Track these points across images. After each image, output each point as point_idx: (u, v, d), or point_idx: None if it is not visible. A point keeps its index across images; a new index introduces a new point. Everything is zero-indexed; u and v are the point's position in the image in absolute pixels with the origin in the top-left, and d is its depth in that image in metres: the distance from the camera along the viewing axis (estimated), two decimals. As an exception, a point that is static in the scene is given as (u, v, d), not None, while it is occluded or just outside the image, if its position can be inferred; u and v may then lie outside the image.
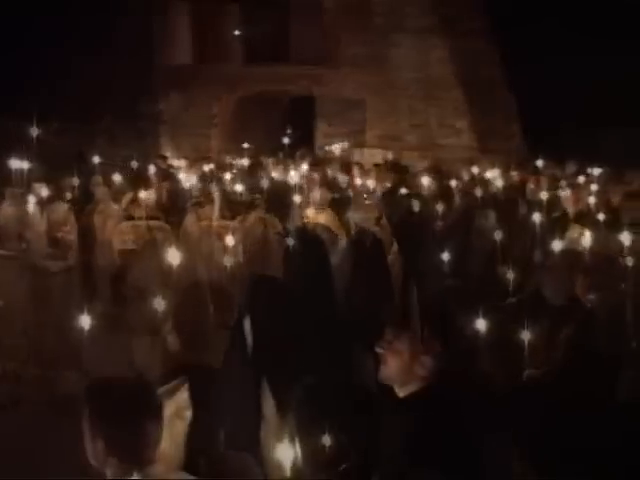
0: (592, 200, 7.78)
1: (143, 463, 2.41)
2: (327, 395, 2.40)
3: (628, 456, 3.11)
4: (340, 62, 15.97)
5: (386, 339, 2.79)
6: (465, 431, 2.78)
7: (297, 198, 7.32)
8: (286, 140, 13.76)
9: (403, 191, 8.24)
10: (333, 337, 4.75)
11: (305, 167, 10.70)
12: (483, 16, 15.87)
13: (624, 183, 8.03)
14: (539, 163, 11.10)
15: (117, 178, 9.30)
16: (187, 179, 10.65)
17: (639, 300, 4.10)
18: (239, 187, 9.28)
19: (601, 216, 6.16)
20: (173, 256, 4.61)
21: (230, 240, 6.18)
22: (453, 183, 9.61)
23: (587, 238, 5.26)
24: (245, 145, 14.79)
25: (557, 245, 5.11)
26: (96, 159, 10.02)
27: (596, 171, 10.34)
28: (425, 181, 8.75)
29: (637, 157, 11.60)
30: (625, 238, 4.52)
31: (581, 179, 9.36)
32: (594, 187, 7.69)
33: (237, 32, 18.13)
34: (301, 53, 16.18)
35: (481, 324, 4.41)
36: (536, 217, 6.20)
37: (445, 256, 6.20)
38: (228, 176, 11.03)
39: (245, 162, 12.81)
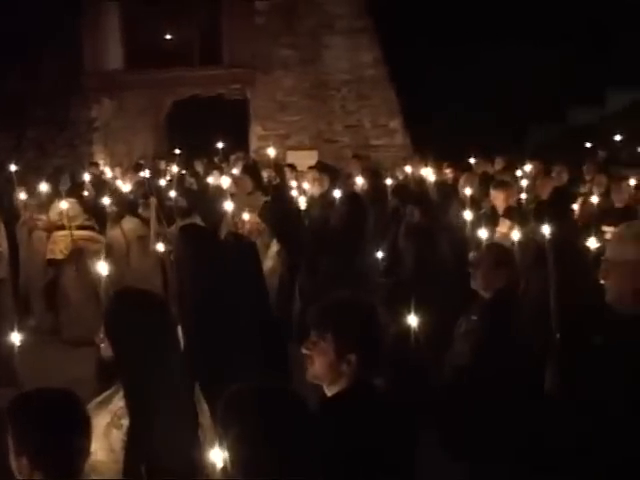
0: (523, 195, 7.99)
1: (70, 475, 2.38)
2: (256, 398, 2.40)
3: (561, 444, 3.18)
4: (273, 64, 15.97)
5: (311, 340, 2.80)
6: (394, 427, 2.80)
7: (229, 203, 7.28)
8: (220, 144, 13.69)
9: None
10: (268, 340, 4.76)
11: (239, 171, 10.66)
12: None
13: (551, 177, 8.24)
14: (471, 160, 11.30)
15: (44, 188, 9.06)
16: (122, 186, 10.51)
17: (563, 293, 4.21)
18: (173, 193, 9.19)
19: (530, 211, 6.31)
20: (102, 266, 4.54)
21: (161, 247, 6.12)
22: (388, 182, 9.71)
23: (515, 233, 5.38)
24: (177, 151, 14.67)
25: (485, 240, 5.21)
26: (13, 168, 9.67)
27: (527, 167, 10.60)
28: (359, 182, 8.82)
29: (562, 152, 11.98)
30: (546, 230, 4.64)
31: (511, 175, 9.56)
32: (524, 182, 7.86)
33: (168, 36, 17.94)
34: (234, 56, 16.10)
35: (413, 320, 4.48)
36: (466, 214, 6.31)
37: (378, 255, 6.28)
38: (163, 182, 10.92)
39: (178, 168, 12.69)
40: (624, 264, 2.93)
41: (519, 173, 10.05)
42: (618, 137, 13.22)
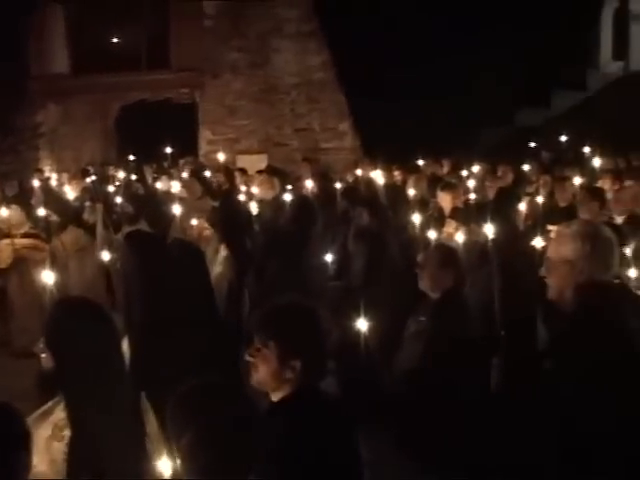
0: (472, 196, 8.08)
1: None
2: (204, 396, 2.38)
3: (506, 441, 3.21)
4: (222, 68, 15.90)
5: (254, 347, 2.77)
6: (338, 432, 2.79)
7: (177, 208, 7.21)
8: (169, 149, 13.58)
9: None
10: (217, 346, 4.72)
11: (187, 175, 10.58)
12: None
13: (498, 178, 8.36)
14: (420, 162, 11.41)
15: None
16: (68, 193, 10.34)
17: (506, 292, 4.26)
18: (120, 199, 9.09)
19: (478, 211, 6.38)
20: (47, 275, 4.43)
21: (106, 255, 6.03)
22: (338, 185, 9.75)
23: (461, 233, 5.44)
24: (131, 157, 14.51)
25: (432, 241, 5.25)
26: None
27: (474, 168, 10.74)
28: (309, 185, 8.83)
29: (510, 153, 12.19)
30: (489, 230, 4.69)
31: (459, 176, 9.67)
32: (471, 183, 7.96)
33: (115, 39, 17.73)
34: (182, 60, 15.99)
35: (362, 323, 4.49)
36: (414, 215, 6.35)
37: (328, 258, 6.28)
38: (111, 188, 10.78)
39: (126, 173, 12.54)
40: (564, 262, 2.99)
41: (467, 174, 10.17)
42: (563, 138, 13.50)
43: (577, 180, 7.98)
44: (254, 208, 8.25)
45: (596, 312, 2.93)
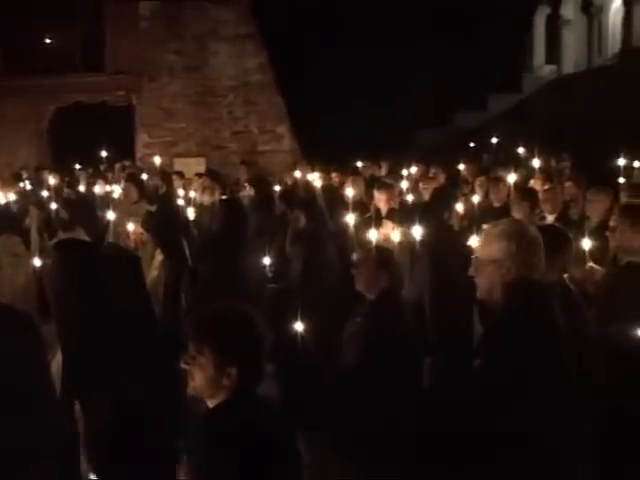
0: (410, 197, 8.16)
1: None
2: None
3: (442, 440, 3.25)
4: (158, 71, 15.72)
5: (189, 354, 2.74)
6: (277, 437, 2.79)
7: (112, 213, 7.09)
8: (105, 153, 13.35)
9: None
10: (154, 351, 4.66)
11: (124, 180, 10.41)
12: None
13: (432, 179, 8.47)
14: (359, 164, 11.48)
15: None
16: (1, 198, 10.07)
17: (437, 292, 4.32)
18: (54, 205, 8.90)
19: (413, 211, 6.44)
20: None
21: (37, 261, 5.90)
22: (277, 188, 9.74)
23: (396, 234, 5.48)
24: (77, 166, 14.19)
25: (369, 242, 5.28)
26: None
27: (412, 169, 10.86)
28: (247, 189, 8.79)
29: (446, 154, 12.38)
30: (417, 231, 4.74)
31: (397, 177, 9.75)
32: (404, 184, 8.03)
33: (49, 41, 17.36)
34: (117, 62, 15.75)
35: (299, 325, 4.50)
36: (351, 217, 6.38)
37: (266, 260, 6.28)
38: (45, 193, 10.54)
39: (60, 178, 12.27)
40: (491, 262, 3.04)
41: (405, 175, 10.27)
42: (497, 139, 13.77)
43: (511, 180, 8.13)
44: (192, 212, 8.18)
45: (523, 310, 2.99)
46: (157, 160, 12.28)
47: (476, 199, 8.07)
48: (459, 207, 7.80)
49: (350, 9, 20.56)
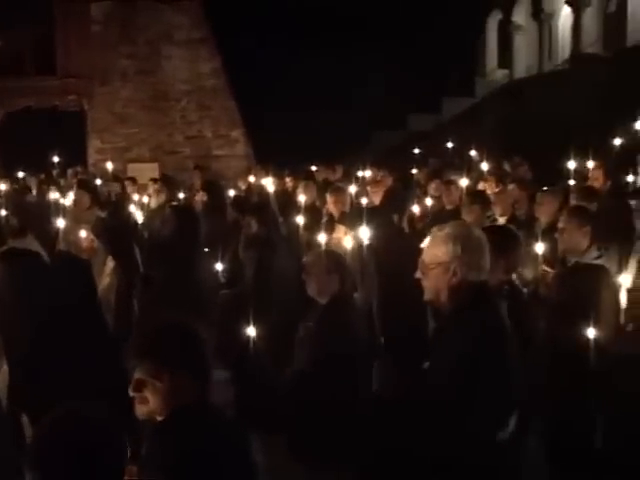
0: (364, 201, 8.19)
1: None
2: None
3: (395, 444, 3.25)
4: (111, 75, 15.54)
5: (137, 380, 2.68)
6: (230, 444, 2.77)
7: (62, 220, 6.98)
8: (56, 158, 13.14)
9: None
10: (105, 360, 4.60)
11: (76, 186, 10.25)
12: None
13: (381, 183, 8.51)
14: (313, 168, 11.49)
15: None
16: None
17: (387, 295, 4.33)
18: (4, 212, 8.72)
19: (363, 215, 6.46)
20: None
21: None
22: (231, 193, 9.70)
23: (348, 238, 5.49)
24: (20, 174, 13.92)
25: (321, 246, 5.28)
26: None
27: (367, 173, 10.90)
28: (199, 196, 8.75)
29: (400, 157, 12.47)
30: (364, 235, 4.75)
31: (351, 181, 9.79)
32: (355, 188, 8.05)
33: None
34: (68, 66, 15.52)
35: (252, 330, 4.49)
36: (304, 221, 6.39)
37: (218, 266, 6.25)
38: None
39: (10, 184, 12.05)
40: (437, 264, 3.06)
41: (359, 179, 10.30)
42: (450, 143, 13.93)
43: (463, 183, 8.22)
44: (144, 218, 8.10)
45: (470, 312, 3.02)
46: (110, 166, 12.13)
47: (429, 202, 8.15)
48: (415, 209, 7.87)
49: (305, 12, 20.60)
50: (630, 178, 9.07)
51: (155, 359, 2.65)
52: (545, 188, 6.87)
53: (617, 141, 10.15)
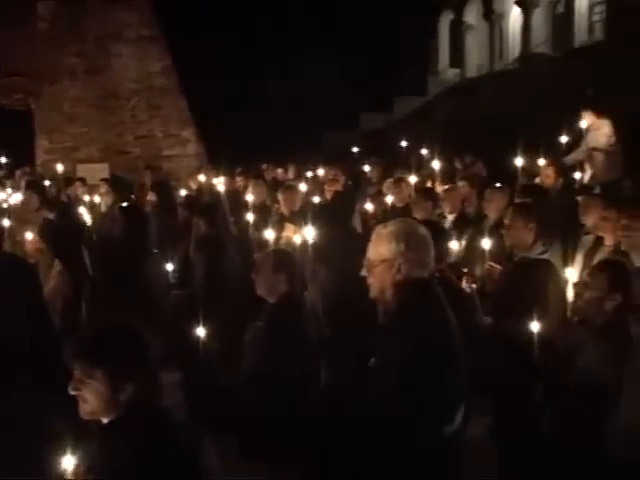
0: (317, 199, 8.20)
1: None
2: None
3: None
4: (59, 73, 15.25)
5: (78, 379, 2.65)
6: (179, 445, 2.74)
7: (7, 221, 6.84)
8: (4, 159, 12.88)
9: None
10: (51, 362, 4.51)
11: (24, 187, 10.06)
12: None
13: (336, 181, 8.54)
14: (264, 167, 11.46)
15: None
16: None
17: (336, 293, 4.33)
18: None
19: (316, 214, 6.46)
20: None
21: None
22: (183, 193, 9.61)
23: (298, 237, 5.48)
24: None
25: (270, 245, 5.28)
26: None
27: (319, 171, 10.92)
28: (150, 196, 8.65)
29: (347, 155, 12.55)
30: (312, 233, 4.75)
31: (303, 180, 9.80)
32: (305, 187, 8.06)
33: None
34: (14, 64, 15.16)
35: (201, 331, 4.45)
36: (253, 220, 6.36)
37: (169, 267, 6.19)
38: None
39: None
40: (382, 262, 3.07)
41: (312, 177, 10.32)
42: (404, 142, 14.02)
43: (412, 180, 8.29)
44: (93, 219, 7.98)
45: (415, 308, 3.03)
46: (59, 167, 11.92)
47: (381, 200, 8.20)
48: (369, 207, 7.91)
49: (257, 10, 20.55)
50: (577, 175, 9.26)
51: (88, 358, 2.65)
52: (498, 185, 6.97)
53: (564, 139, 10.34)
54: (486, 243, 5.54)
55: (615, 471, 3.60)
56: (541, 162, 8.56)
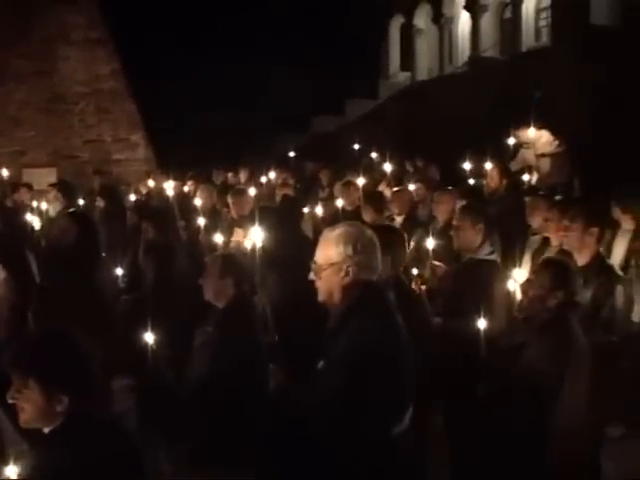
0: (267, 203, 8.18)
1: None
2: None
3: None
4: (4, 76, 14.94)
5: (14, 388, 2.62)
6: (121, 453, 2.72)
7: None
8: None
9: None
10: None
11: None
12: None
13: (287, 185, 8.55)
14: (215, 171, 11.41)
15: None
16: None
17: (286, 297, 4.33)
18: None
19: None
20: None
21: None
22: (132, 198, 9.52)
23: (248, 241, 5.48)
24: None
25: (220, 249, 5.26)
26: None
27: (271, 174, 10.92)
28: (99, 201, 8.55)
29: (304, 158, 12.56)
30: (260, 237, 4.75)
31: (255, 184, 9.78)
32: (252, 191, 8.05)
33: None
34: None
35: (149, 337, 4.41)
36: (203, 224, 6.34)
37: (118, 271, 6.13)
38: None
39: None
40: (330, 265, 3.09)
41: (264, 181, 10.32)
42: (356, 145, 14.11)
43: (361, 183, 8.33)
44: (41, 225, 7.85)
45: (362, 311, 3.05)
46: (4, 172, 11.69)
47: (332, 204, 8.22)
48: (319, 211, 7.92)
49: (207, 12, 20.45)
50: (526, 177, 9.43)
51: (22, 366, 2.64)
52: (450, 188, 7.07)
53: (511, 141, 10.53)
54: (430, 243, 5.62)
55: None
56: (488, 165, 8.70)
